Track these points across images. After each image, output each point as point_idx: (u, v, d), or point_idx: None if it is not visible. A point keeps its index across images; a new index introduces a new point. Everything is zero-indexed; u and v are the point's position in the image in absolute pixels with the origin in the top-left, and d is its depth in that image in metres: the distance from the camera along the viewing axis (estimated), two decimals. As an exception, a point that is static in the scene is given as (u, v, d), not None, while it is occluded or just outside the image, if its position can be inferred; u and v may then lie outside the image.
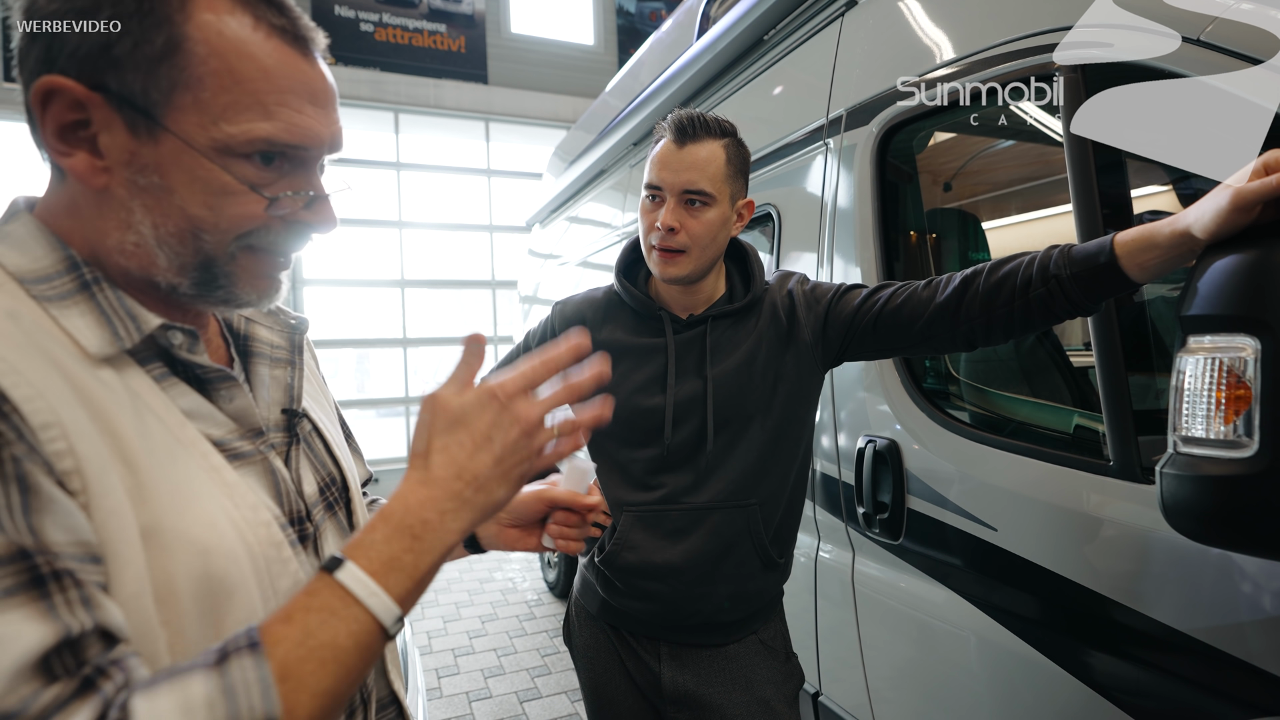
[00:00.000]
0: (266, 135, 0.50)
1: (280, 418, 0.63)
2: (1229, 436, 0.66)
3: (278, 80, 0.51)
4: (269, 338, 0.66)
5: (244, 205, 0.52)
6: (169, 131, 0.49)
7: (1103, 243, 0.85)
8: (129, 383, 0.50)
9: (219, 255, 0.53)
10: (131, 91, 0.48)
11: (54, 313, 0.48)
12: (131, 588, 0.44)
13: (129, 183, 0.50)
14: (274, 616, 0.46)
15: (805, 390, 1.18)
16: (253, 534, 0.53)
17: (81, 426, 0.44)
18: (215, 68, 0.49)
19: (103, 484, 0.44)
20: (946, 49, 1.38)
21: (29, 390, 0.42)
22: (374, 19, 7.52)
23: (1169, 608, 0.97)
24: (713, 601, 1.17)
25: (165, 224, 0.51)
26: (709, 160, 1.10)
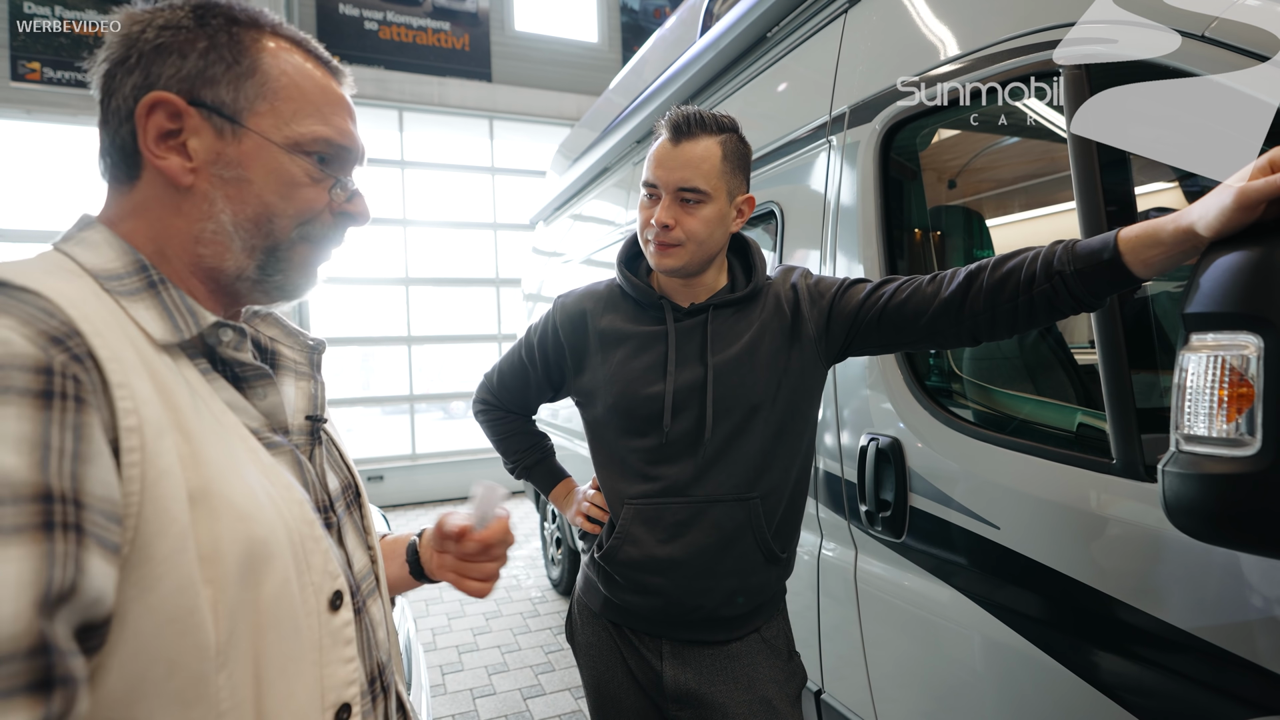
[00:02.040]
0: (326, 135, 0.63)
1: (305, 423, 0.70)
2: (1231, 435, 0.66)
3: (329, 96, 0.65)
4: (292, 355, 0.74)
5: (309, 193, 0.63)
6: (250, 131, 0.60)
7: (1107, 239, 0.84)
8: (182, 371, 0.57)
9: (283, 241, 0.63)
10: (222, 101, 0.60)
11: (124, 305, 0.55)
12: (173, 544, 0.48)
13: (213, 178, 0.60)
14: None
15: (809, 384, 1.18)
16: (288, 510, 0.58)
17: (147, 393, 0.50)
18: (286, 84, 0.62)
19: (159, 445, 0.49)
20: (949, 46, 1.38)
21: (109, 353, 0.48)
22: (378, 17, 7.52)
23: (1172, 606, 0.97)
24: (715, 596, 1.17)
25: (243, 210, 0.61)
26: (704, 157, 1.10)
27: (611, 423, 1.20)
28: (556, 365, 1.28)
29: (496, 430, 1.43)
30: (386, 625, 0.73)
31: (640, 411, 1.16)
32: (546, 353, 1.28)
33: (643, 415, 1.16)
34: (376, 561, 0.74)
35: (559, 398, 1.36)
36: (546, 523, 4.39)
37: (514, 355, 1.36)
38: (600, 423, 1.23)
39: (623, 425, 1.19)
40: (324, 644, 0.59)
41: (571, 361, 1.25)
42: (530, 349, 1.31)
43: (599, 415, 1.22)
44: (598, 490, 1.33)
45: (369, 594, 0.70)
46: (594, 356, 1.22)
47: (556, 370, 1.29)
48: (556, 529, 4.17)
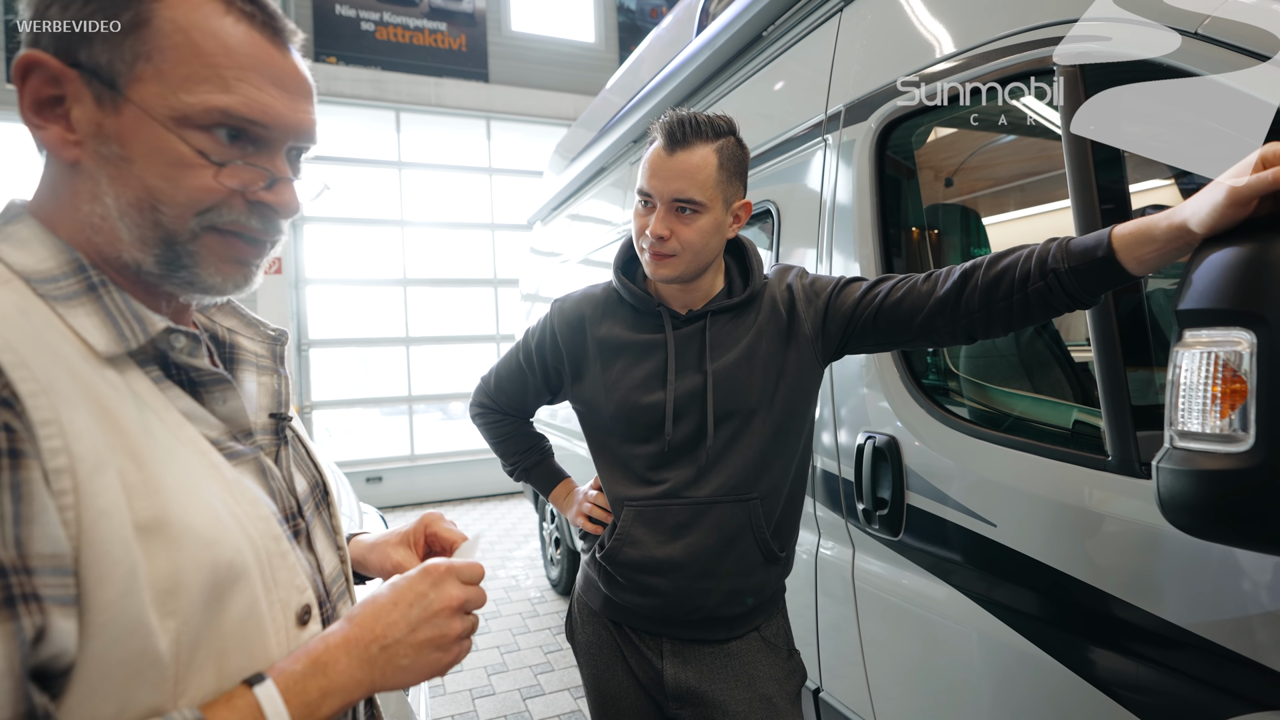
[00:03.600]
0: (223, 106, 0.51)
1: (268, 422, 0.65)
2: (1225, 431, 0.66)
3: (239, 57, 0.52)
4: (252, 348, 0.68)
5: (199, 177, 0.52)
6: (130, 101, 0.50)
7: (1100, 236, 0.85)
8: (131, 384, 0.51)
9: (179, 232, 0.53)
10: (98, 64, 0.50)
11: (61, 312, 0.49)
12: (118, 588, 0.44)
13: (95, 154, 0.51)
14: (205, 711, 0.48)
15: (806, 384, 1.18)
16: (254, 527, 0.54)
17: (80, 425, 0.45)
18: (178, 41, 0.50)
19: (95, 484, 0.44)
20: (945, 44, 1.38)
21: (34, 386, 0.43)
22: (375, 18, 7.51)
23: (1167, 602, 0.97)
24: (715, 596, 1.17)
25: (124, 194, 0.51)
26: (699, 167, 1.08)
27: (613, 430, 1.20)
28: (555, 370, 1.28)
29: (494, 433, 1.42)
30: None
31: (641, 419, 1.16)
32: (545, 357, 1.28)
33: (644, 423, 1.16)
34: (345, 561, 0.71)
35: (556, 401, 1.35)
36: (545, 523, 4.39)
37: (511, 359, 1.36)
38: (601, 429, 1.23)
39: (624, 432, 1.19)
40: None
41: (570, 367, 1.24)
42: (528, 353, 1.31)
43: (600, 422, 1.23)
44: (599, 491, 1.33)
45: (339, 597, 0.67)
46: (593, 364, 1.21)
47: (555, 375, 1.29)
48: (555, 529, 4.17)
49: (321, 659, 0.54)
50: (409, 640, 0.58)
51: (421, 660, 0.59)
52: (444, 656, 0.60)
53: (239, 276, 0.57)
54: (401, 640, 0.58)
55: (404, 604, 0.59)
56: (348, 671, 0.55)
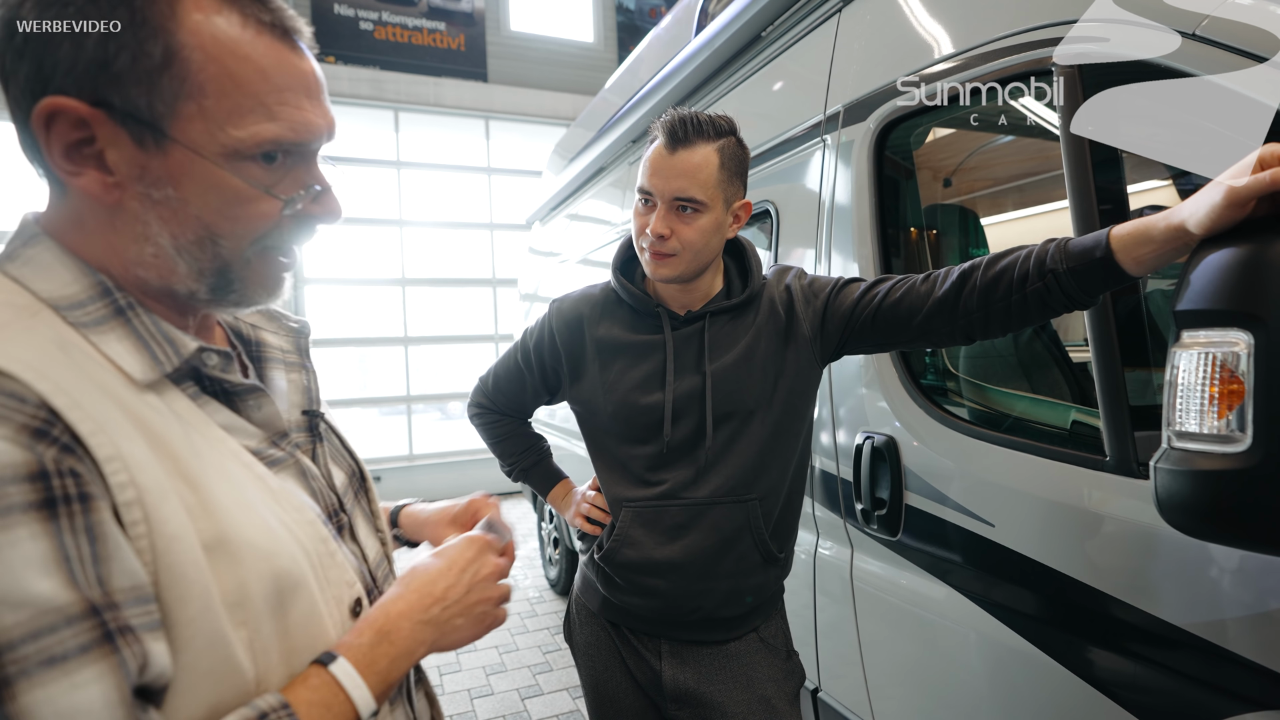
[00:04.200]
0: (273, 136, 0.51)
1: (301, 419, 0.66)
2: (1222, 431, 0.66)
3: (275, 79, 0.51)
4: (277, 343, 0.69)
5: (259, 208, 0.53)
6: (177, 142, 0.49)
7: (1099, 237, 0.85)
8: (171, 405, 0.52)
9: (235, 261, 0.54)
10: (136, 106, 0.48)
11: (93, 339, 0.49)
12: (197, 605, 0.47)
13: (142, 196, 0.50)
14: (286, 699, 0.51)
15: (804, 384, 1.18)
16: (303, 533, 0.57)
17: (140, 456, 0.46)
18: (214, 73, 0.49)
19: (162, 511, 0.46)
20: (943, 44, 1.38)
21: (92, 425, 0.44)
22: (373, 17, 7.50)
23: (1165, 602, 0.97)
24: (714, 597, 1.17)
25: (184, 234, 0.51)
26: (701, 166, 1.08)
27: (612, 431, 1.20)
28: (553, 370, 1.28)
29: (492, 433, 1.42)
30: None
31: (640, 420, 1.16)
32: (543, 357, 1.27)
33: (642, 424, 1.16)
34: (386, 543, 0.73)
35: (555, 401, 1.35)
36: (544, 523, 4.39)
37: (509, 359, 1.35)
38: (600, 430, 1.23)
39: (623, 433, 1.19)
40: None
41: (568, 368, 1.24)
42: (526, 353, 1.30)
43: (598, 423, 1.22)
44: (597, 491, 1.33)
45: (384, 579, 0.70)
46: (591, 364, 1.21)
47: (553, 375, 1.28)
48: (554, 529, 4.16)
49: (385, 628, 0.58)
50: (464, 602, 0.64)
51: (474, 621, 0.65)
52: (493, 615, 0.67)
53: (279, 287, 0.59)
54: (458, 602, 0.63)
55: (456, 570, 0.65)
56: (411, 635, 0.59)
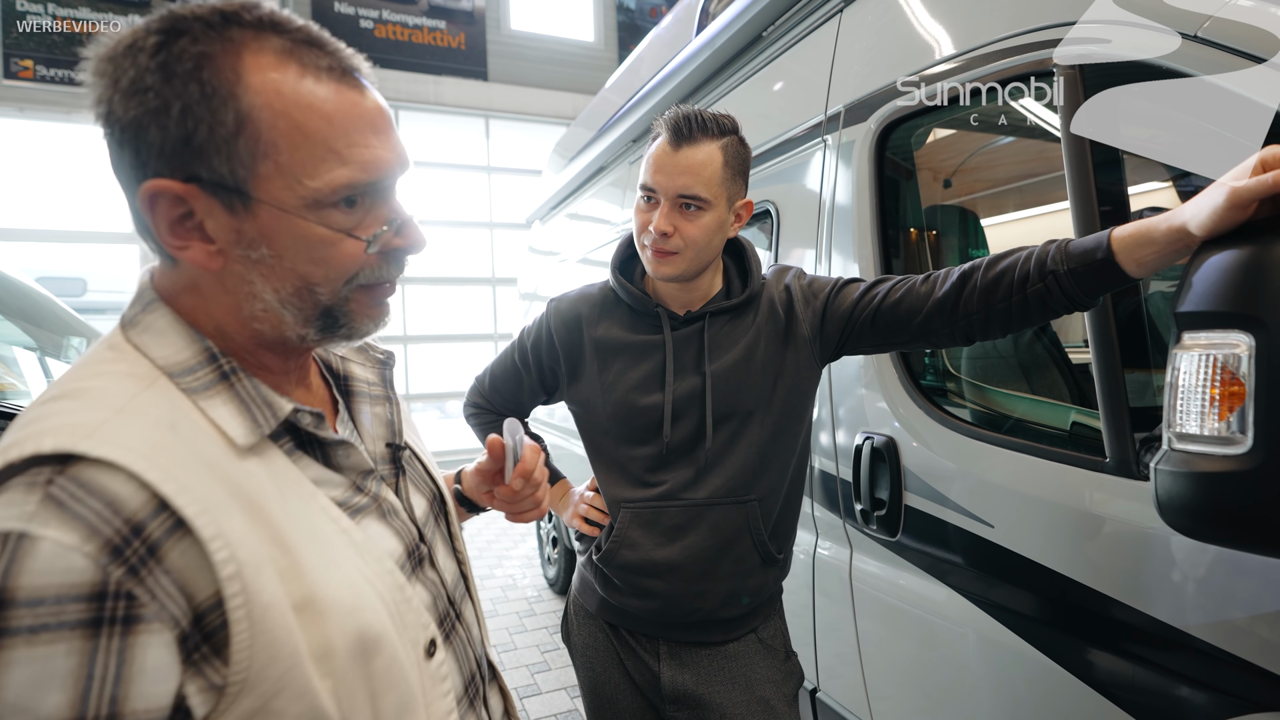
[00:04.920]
0: (347, 180, 0.53)
1: (385, 451, 0.69)
2: (1223, 433, 0.66)
3: (340, 123, 0.53)
4: (364, 375, 0.72)
5: (346, 251, 0.55)
6: (262, 202, 0.52)
7: (1100, 238, 0.85)
8: (270, 464, 0.55)
9: (335, 302, 0.57)
10: (220, 174, 0.51)
11: (201, 405, 0.53)
12: (286, 664, 0.50)
13: (242, 258, 0.54)
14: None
15: (804, 385, 1.18)
16: (382, 584, 0.59)
17: (240, 530, 0.49)
18: (284, 128, 0.51)
19: (259, 582, 0.49)
20: (944, 45, 1.38)
21: (197, 507, 0.47)
22: (374, 15, 7.50)
23: (1165, 604, 0.97)
24: (712, 598, 1.17)
25: (284, 287, 0.55)
26: (705, 164, 1.07)
27: (610, 431, 1.19)
28: (550, 370, 1.27)
29: (489, 433, 1.41)
30: (476, 615, 0.75)
31: (639, 421, 1.16)
32: (540, 357, 1.27)
33: (642, 425, 1.16)
34: (464, 563, 0.75)
35: (552, 401, 1.34)
36: (543, 522, 4.39)
37: (506, 358, 1.34)
38: (598, 431, 1.23)
39: (621, 434, 1.18)
40: (426, 688, 0.61)
41: (566, 368, 1.24)
42: (523, 352, 1.29)
43: (597, 424, 1.22)
44: (596, 492, 1.32)
45: (461, 600, 0.72)
46: (590, 365, 1.21)
47: (550, 375, 1.28)
48: (553, 528, 4.16)
49: None
50: None
51: None
52: None
53: (384, 318, 0.62)
54: None
55: None
56: None
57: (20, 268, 2.67)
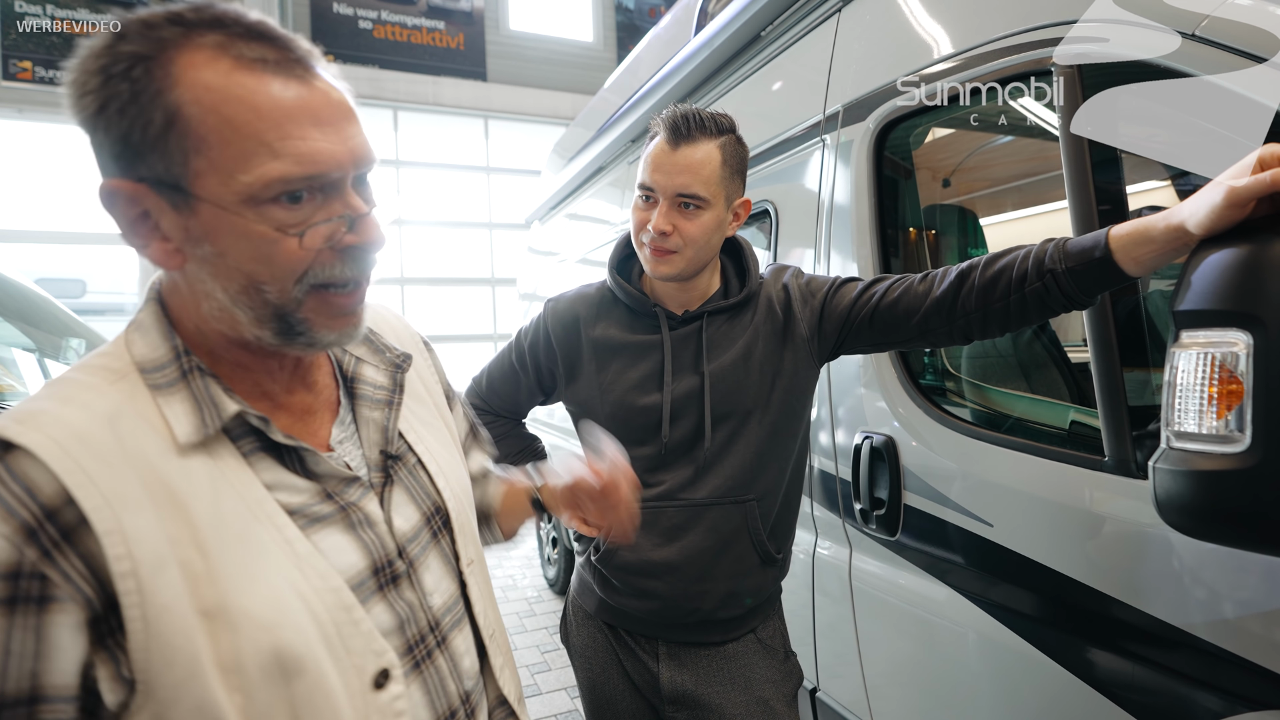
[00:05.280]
0: (280, 174, 0.51)
1: (379, 458, 0.66)
2: (1221, 431, 0.66)
3: (273, 115, 0.50)
4: (374, 378, 0.69)
5: (287, 248, 0.53)
6: (200, 199, 0.51)
7: (1098, 237, 0.85)
8: (216, 465, 0.54)
9: (286, 303, 0.55)
10: (159, 173, 0.50)
11: (159, 401, 0.54)
12: (183, 671, 0.49)
13: (193, 256, 0.53)
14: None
15: (802, 384, 1.18)
16: (321, 602, 0.56)
17: (145, 528, 0.49)
18: (213, 124, 0.49)
19: (156, 582, 0.49)
20: (943, 44, 1.38)
21: (98, 500, 0.48)
22: (372, 16, 7.50)
23: (1163, 603, 0.97)
24: (711, 599, 1.16)
25: (230, 286, 0.54)
26: (704, 163, 1.07)
27: (608, 432, 1.19)
28: (548, 370, 1.26)
29: None
30: (481, 643, 0.71)
31: (637, 421, 1.16)
32: (538, 357, 1.26)
33: (640, 425, 1.16)
34: (468, 586, 0.71)
35: (550, 402, 1.34)
36: (542, 522, 4.39)
37: (504, 359, 1.34)
38: None
39: (620, 434, 1.18)
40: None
41: (564, 368, 1.23)
42: (521, 353, 1.29)
43: (595, 424, 1.22)
44: None
45: (453, 626, 0.67)
46: (587, 365, 1.20)
47: (548, 375, 1.27)
48: (552, 528, 4.16)
49: None
50: None
51: None
52: None
53: (349, 326, 0.59)
54: None
55: None
56: None
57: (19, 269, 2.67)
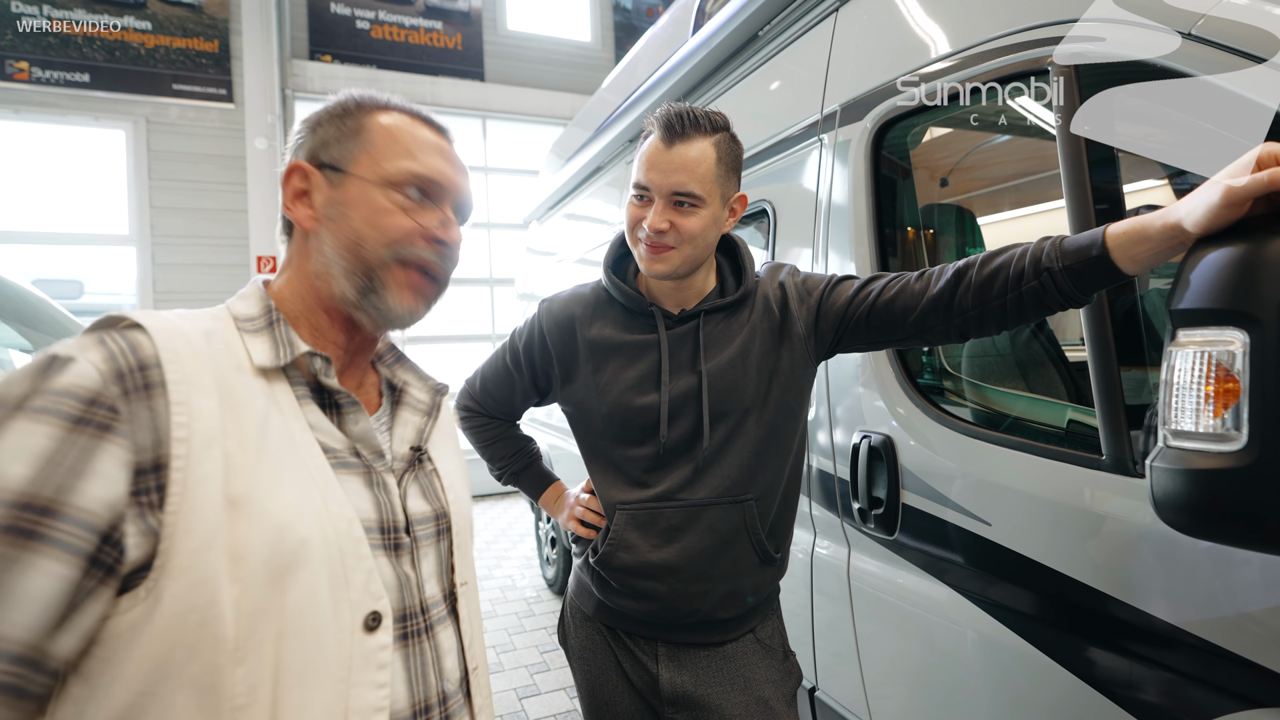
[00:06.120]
0: (412, 169, 0.72)
1: (409, 452, 0.78)
2: (1218, 430, 0.66)
3: (420, 141, 0.74)
4: (418, 395, 0.83)
5: (398, 219, 0.71)
6: (352, 175, 0.71)
7: (1095, 235, 0.85)
8: (275, 393, 0.65)
9: (375, 262, 0.71)
10: (334, 159, 0.72)
11: (245, 338, 0.67)
12: (199, 541, 0.55)
13: (325, 218, 0.71)
14: None
15: (799, 383, 1.18)
16: (331, 524, 0.63)
17: (207, 408, 0.58)
18: (382, 135, 0.73)
19: (203, 455, 0.57)
20: (940, 44, 1.38)
21: (179, 375, 0.58)
22: (370, 16, 7.48)
23: (1161, 601, 0.97)
24: (710, 599, 1.16)
25: (339, 238, 0.71)
26: (699, 161, 1.07)
27: (606, 433, 1.19)
28: (543, 371, 1.26)
29: (481, 437, 1.39)
30: (463, 653, 0.76)
31: (635, 422, 1.15)
32: (533, 358, 1.26)
33: (638, 425, 1.15)
34: (457, 597, 0.77)
35: (545, 403, 1.33)
36: (541, 523, 4.39)
37: (498, 360, 1.33)
38: (593, 432, 1.22)
39: (617, 435, 1.17)
40: (354, 664, 0.62)
41: (559, 369, 1.23)
42: (515, 354, 1.28)
43: (591, 425, 1.21)
44: (591, 494, 1.31)
45: (439, 620, 0.74)
46: (583, 366, 1.20)
47: (543, 376, 1.27)
48: (551, 529, 4.16)
49: None
50: None
51: None
52: None
53: (416, 305, 0.74)
54: None
55: None
56: None
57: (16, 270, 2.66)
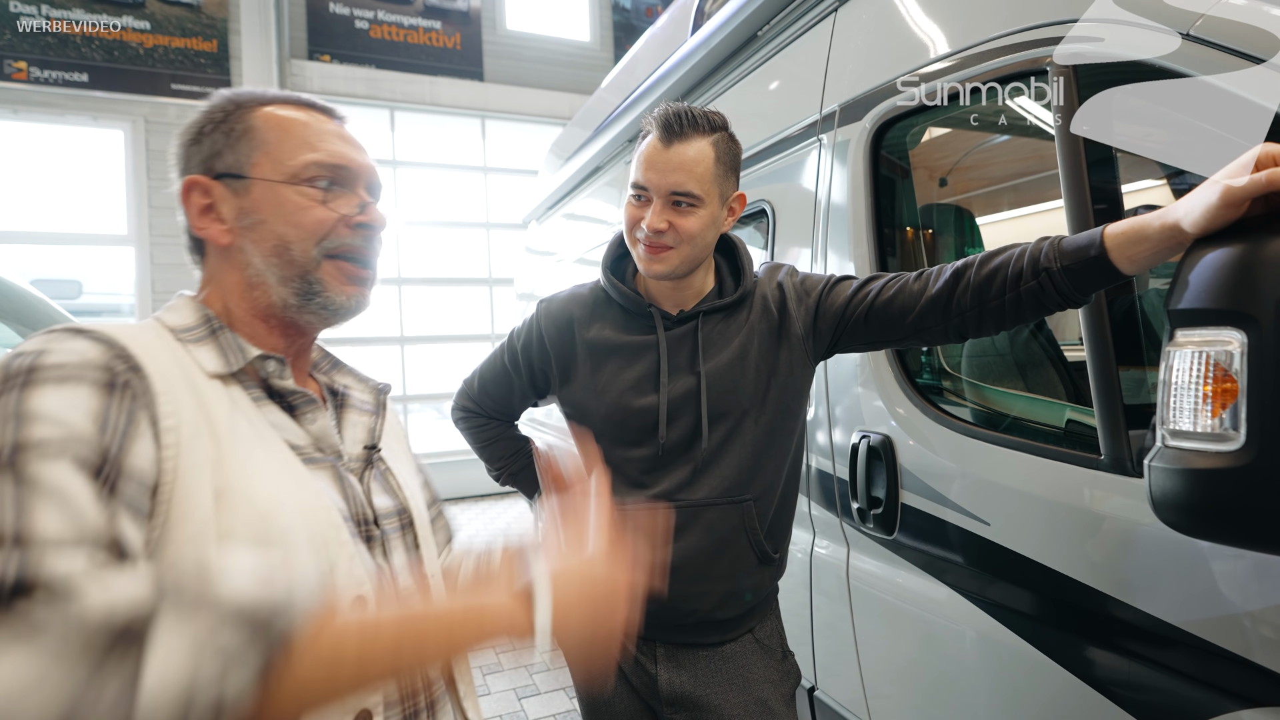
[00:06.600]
0: (316, 160, 0.71)
1: (362, 452, 0.78)
2: (1216, 430, 0.66)
3: (315, 129, 0.73)
4: (360, 396, 0.83)
5: (317, 213, 0.70)
6: (254, 179, 0.70)
7: (1093, 235, 0.85)
8: (232, 395, 0.66)
9: (307, 263, 0.70)
10: (229, 166, 0.70)
11: (190, 349, 0.66)
12: (194, 529, 0.56)
13: (241, 230, 0.70)
14: None
15: (797, 383, 1.18)
16: (311, 512, 0.64)
17: (188, 403, 0.60)
18: (275, 132, 0.71)
19: (193, 443, 0.58)
20: (939, 44, 1.38)
21: (157, 369, 0.59)
22: (369, 16, 7.48)
23: (1160, 601, 0.97)
24: (709, 599, 1.16)
25: (264, 246, 0.70)
26: (697, 161, 1.07)
27: (604, 434, 1.19)
28: (541, 372, 1.26)
29: (478, 437, 1.39)
30: None
31: (634, 423, 1.15)
32: (531, 359, 1.26)
33: (637, 426, 1.15)
34: (426, 591, 0.77)
35: (543, 403, 1.34)
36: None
37: (496, 360, 1.33)
38: (592, 433, 1.22)
39: (616, 436, 1.17)
40: None
41: (558, 370, 1.23)
42: (513, 354, 1.28)
43: (590, 426, 1.21)
44: None
45: None
46: (582, 366, 1.20)
47: (541, 377, 1.27)
48: (550, 528, 4.16)
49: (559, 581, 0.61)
50: None
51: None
52: None
53: (358, 295, 0.74)
54: None
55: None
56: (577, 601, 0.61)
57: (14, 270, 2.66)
